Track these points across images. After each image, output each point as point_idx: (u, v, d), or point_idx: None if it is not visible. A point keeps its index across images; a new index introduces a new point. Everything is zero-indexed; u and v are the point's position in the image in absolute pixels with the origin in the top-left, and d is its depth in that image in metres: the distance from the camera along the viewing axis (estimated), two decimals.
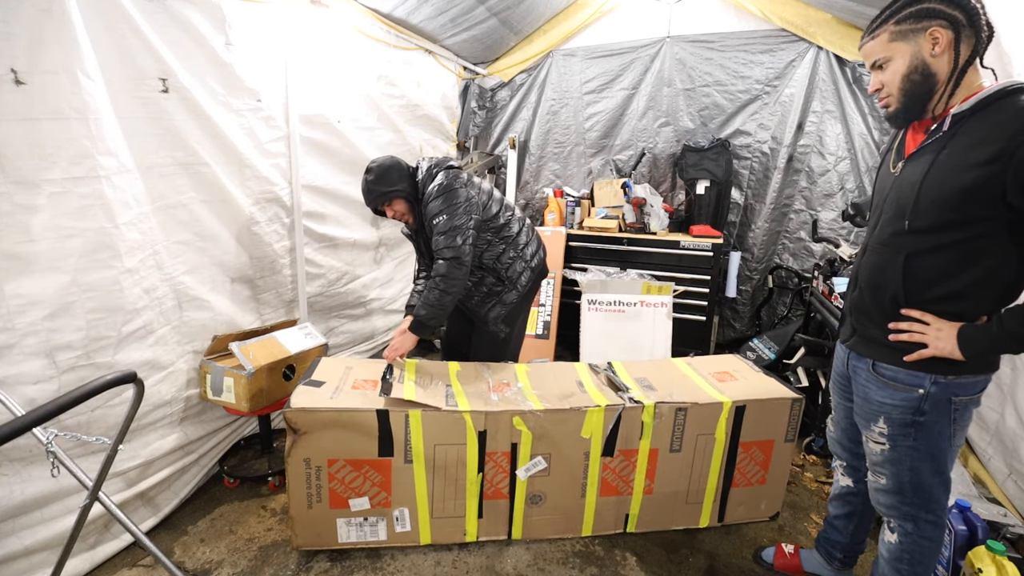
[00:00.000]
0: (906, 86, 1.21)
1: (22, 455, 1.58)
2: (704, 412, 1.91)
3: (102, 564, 1.82)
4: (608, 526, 2.01)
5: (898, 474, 1.37)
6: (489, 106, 4.21)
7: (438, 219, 2.03)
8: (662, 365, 2.27)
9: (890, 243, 1.30)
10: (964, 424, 1.33)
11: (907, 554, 1.41)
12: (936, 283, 1.24)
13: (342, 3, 2.68)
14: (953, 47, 1.15)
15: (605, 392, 1.97)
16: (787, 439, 2.01)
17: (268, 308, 2.53)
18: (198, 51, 1.96)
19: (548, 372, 2.18)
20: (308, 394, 1.80)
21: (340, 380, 1.93)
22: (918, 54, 1.18)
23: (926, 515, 1.38)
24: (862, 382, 1.43)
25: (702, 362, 2.30)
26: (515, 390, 1.98)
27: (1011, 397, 1.96)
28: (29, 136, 1.48)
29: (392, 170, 2.11)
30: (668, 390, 1.98)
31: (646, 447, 1.91)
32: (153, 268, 1.90)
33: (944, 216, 1.18)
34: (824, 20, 3.14)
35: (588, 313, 3.30)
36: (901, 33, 1.18)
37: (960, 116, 1.17)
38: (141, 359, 1.86)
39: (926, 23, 1.15)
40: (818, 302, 2.62)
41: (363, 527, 1.87)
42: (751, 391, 1.99)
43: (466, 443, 1.82)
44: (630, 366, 2.22)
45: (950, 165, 1.17)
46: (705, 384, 2.05)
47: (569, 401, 1.89)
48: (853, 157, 3.25)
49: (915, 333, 1.27)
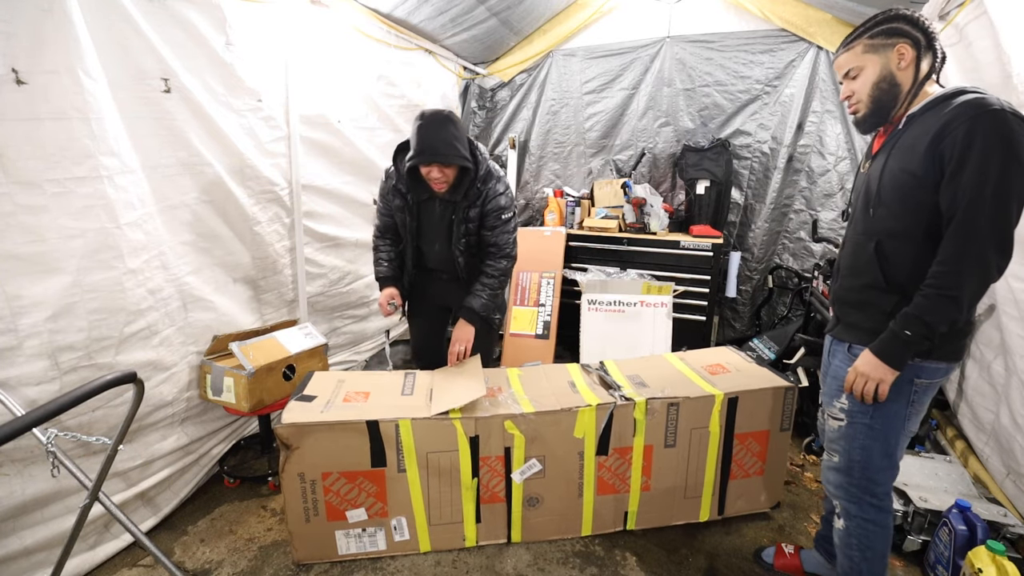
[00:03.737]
0: (875, 93, 1.35)
1: (24, 455, 1.58)
2: (696, 406, 1.92)
3: (102, 564, 1.82)
4: (607, 524, 2.02)
5: (849, 451, 1.46)
6: (489, 106, 4.21)
7: (506, 214, 2.05)
8: (654, 361, 2.28)
9: (864, 232, 1.41)
10: (919, 410, 1.43)
11: (855, 539, 1.49)
12: (909, 264, 1.31)
13: (342, 3, 2.68)
14: (915, 63, 1.31)
15: (597, 391, 1.98)
16: (782, 428, 2.03)
17: (270, 308, 2.53)
18: (198, 51, 1.97)
19: (540, 374, 2.18)
20: (299, 409, 1.79)
21: (332, 394, 1.91)
22: (887, 66, 1.33)
23: (870, 498, 1.46)
24: (836, 363, 1.51)
25: (694, 356, 2.32)
26: (506, 395, 1.97)
27: (1005, 397, 1.96)
28: (31, 136, 1.48)
29: (466, 135, 1.96)
30: (660, 386, 1.99)
31: (640, 444, 1.92)
32: (159, 269, 1.90)
33: (902, 201, 1.31)
34: (824, 20, 3.15)
35: (588, 313, 3.30)
36: (873, 47, 1.33)
37: (913, 116, 1.32)
38: (144, 360, 1.87)
39: (894, 40, 1.31)
40: (818, 302, 2.62)
41: (362, 538, 1.87)
42: (743, 382, 2.01)
43: (458, 449, 1.83)
44: (623, 364, 2.22)
45: (900, 155, 1.31)
46: (697, 378, 2.06)
47: (560, 402, 1.89)
48: (853, 157, 3.25)
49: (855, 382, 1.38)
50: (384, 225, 2.22)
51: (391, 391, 1.96)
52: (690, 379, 2.05)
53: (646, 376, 2.08)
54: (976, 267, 1.20)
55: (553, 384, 2.06)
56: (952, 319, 1.24)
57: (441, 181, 1.93)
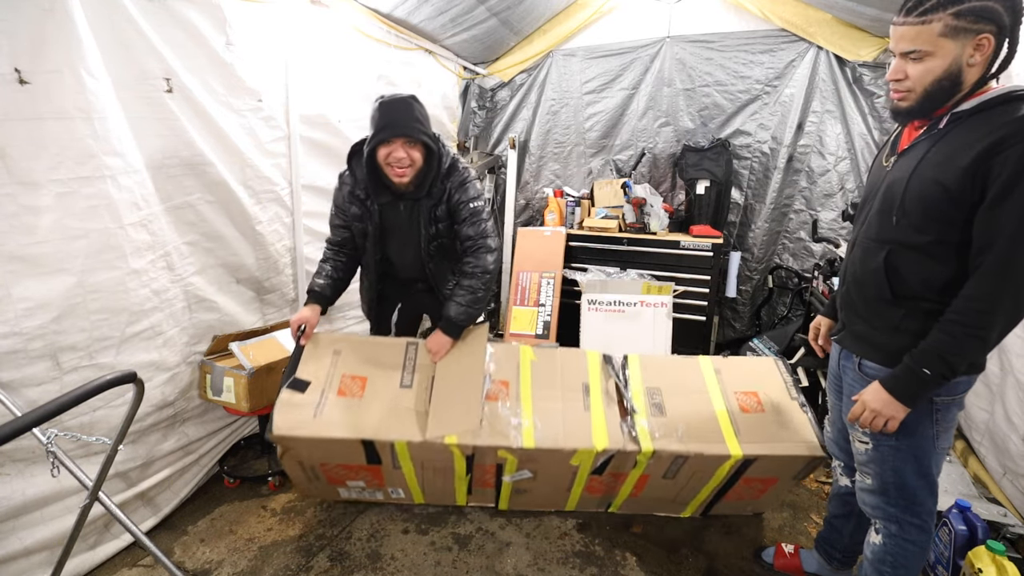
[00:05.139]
0: (932, 89, 1.14)
1: (25, 455, 1.58)
2: (706, 461, 1.78)
3: (102, 564, 1.82)
4: (591, 507, 2.13)
5: (881, 474, 1.36)
6: (489, 106, 4.21)
7: (476, 203, 1.88)
8: (685, 372, 2.01)
9: (876, 239, 1.29)
10: (947, 426, 1.30)
11: (890, 556, 1.40)
12: (920, 278, 1.22)
13: (342, 3, 2.68)
14: (990, 58, 1.09)
15: (609, 412, 1.86)
16: (794, 478, 1.90)
17: (271, 308, 2.53)
18: (199, 51, 1.96)
19: (555, 367, 2.00)
20: (290, 410, 1.75)
21: (326, 381, 1.85)
22: (959, 59, 1.09)
23: (911, 518, 1.36)
24: (849, 381, 1.43)
25: (733, 371, 2.01)
26: (510, 404, 1.86)
27: (1000, 397, 1.96)
28: (34, 136, 1.48)
29: (429, 119, 1.78)
30: (678, 419, 1.83)
31: (637, 474, 1.89)
32: (164, 269, 1.90)
33: (927, 214, 1.17)
34: (824, 20, 3.15)
35: (588, 313, 3.30)
36: (956, 29, 1.07)
37: (959, 116, 1.15)
38: (147, 360, 1.87)
39: (981, 26, 1.06)
40: (818, 302, 2.63)
41: (362, 492, 2.08)
42: (769, 438, 1.79)
43: (454, 465, 1.88)
44: (647, 366, 2.01)
45: (936, 163, 1.15)
46: (723, 416, 1.85)
47: (565, 427, 1.81)
48: (853, 157, 3.26)
49: (863, 415, 1.29)
50: (340, 240, 2.02)
51: (389, 380, 1.90)
52: (714, 416, 1.85)
53: (668, 394, 1.91)
54: (1012, 308, 1.10)
55: (565, 386, 1.93)
56: (976, 360, 1.17)
57: (405, 165, 1.74)
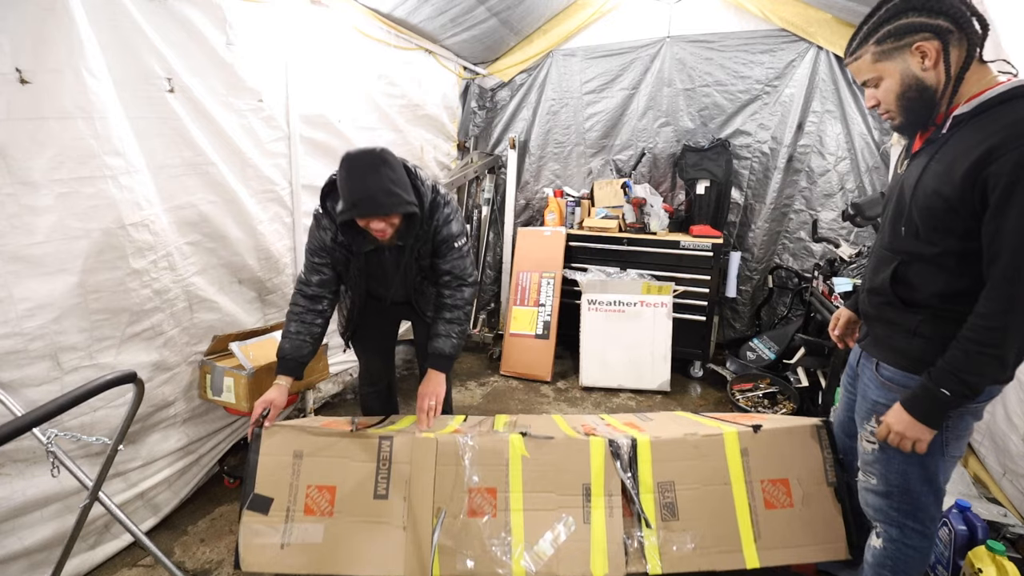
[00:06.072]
0: (903, 103, 1.16)
1: (25, 456, 1.58)
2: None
3: (102, 564, 1.82)
4: None
5: (886, 475, 1.35)
6: (489, 106, 4.21)
7: (458, 242, 1.88)
8: (704, 455, 1.74)
9: (889, 248, 1.30)
10: (959, 434, 1.27)
11: (890, 561, 1.38)
12: (928, 287, 1.21)
13: (342, 3, 2.68)
14: (943, 57, 1.09)
15: (610, 526, 1.65)
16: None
17: (273, 308, 2.53)
18: (199, 51, 1.96)
19: (552, 460, 1.73)
20: (256, 540, 1.62)
21: (290, 495, 1.68)
22: (908, 71, 1.12)
23: (913, 523, 1.35)
24: (865, 380, 1.42)
25: (762, 448, 1.74)
26: (498, 519, 1.66)
27: (1000, 396, 1.95)
28: (35, 136, 1.48)
29: (404, 174, 1.69)
30: (692, 516, 1.67)
31: None
32: (166, 270, 1.90)
33: (932, 226, 1.16)
34: (824, 20, 3.15)
35: (588, 313, 3.31)
36: (884, 53, 1.13)
37: (960, 119, 1.13)
38: (148, 360, 1.87)
39: (908, 39, 1.10)
40: (818, 302, 2.63)
41: None
42: (793, 540, 1.65)
43: None
44: (660, 456, 1.73)
45: (937, 173, 1.13)
46: (744, 512, 1.68)
47: (555, 560, 1.62)
48: (853, 157, 3.26)
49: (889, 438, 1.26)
50: (319, 281, 1.84)
51: (362, 490, 1.70)
52: (734, 516, 1.68)
53: (682, 487, 1.70)
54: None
55: (563, 489, 1.70)
56: (995, 378, 1.14)
57: (385, 230, 1.68)
